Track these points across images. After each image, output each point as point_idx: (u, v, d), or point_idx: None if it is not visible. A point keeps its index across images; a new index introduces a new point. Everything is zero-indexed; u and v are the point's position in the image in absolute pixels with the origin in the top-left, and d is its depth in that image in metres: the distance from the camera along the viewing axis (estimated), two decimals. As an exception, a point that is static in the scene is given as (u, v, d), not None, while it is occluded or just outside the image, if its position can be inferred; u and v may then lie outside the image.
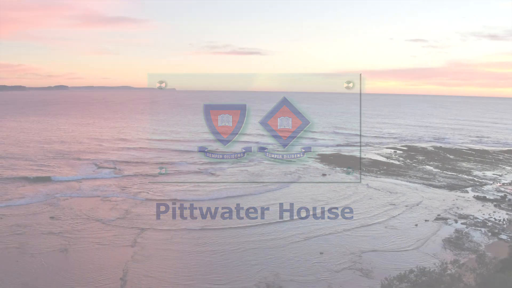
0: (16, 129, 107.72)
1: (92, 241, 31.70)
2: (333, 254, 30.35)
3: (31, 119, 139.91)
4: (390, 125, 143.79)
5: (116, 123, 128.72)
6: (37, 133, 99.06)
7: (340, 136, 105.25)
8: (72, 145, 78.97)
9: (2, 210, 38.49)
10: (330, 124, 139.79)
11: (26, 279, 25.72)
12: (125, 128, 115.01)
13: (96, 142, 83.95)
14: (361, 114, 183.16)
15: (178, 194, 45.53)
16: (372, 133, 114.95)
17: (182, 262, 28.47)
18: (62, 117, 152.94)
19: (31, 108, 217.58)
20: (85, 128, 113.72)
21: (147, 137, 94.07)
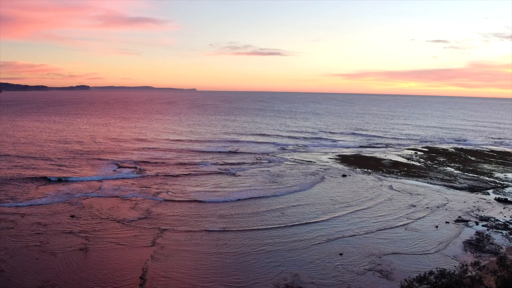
0: (37, 128, 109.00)
1: (112, 241, 31.86)
2: (353, 255, 30.09)
3: (52, 119, 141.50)
4: (411, 126, 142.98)
5: (136, 123, 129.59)
6: (58, 133, 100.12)
7: (360, 137, 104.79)
8: (92, 145, 79.84)
9: (24, 209, 38.96)
10: (349, 125, 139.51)
11: (46, 276, 25.93)
12: (145, 128, 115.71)
13: (117, 142, 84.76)
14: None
15: (199, 194, 45.53)
16: (393, 134, 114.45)
17: (201, 263, 28.36)
18: (82, 117, 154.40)
19: (52, 107, 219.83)
20: (105, 128, 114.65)
21: (167, 137, 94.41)
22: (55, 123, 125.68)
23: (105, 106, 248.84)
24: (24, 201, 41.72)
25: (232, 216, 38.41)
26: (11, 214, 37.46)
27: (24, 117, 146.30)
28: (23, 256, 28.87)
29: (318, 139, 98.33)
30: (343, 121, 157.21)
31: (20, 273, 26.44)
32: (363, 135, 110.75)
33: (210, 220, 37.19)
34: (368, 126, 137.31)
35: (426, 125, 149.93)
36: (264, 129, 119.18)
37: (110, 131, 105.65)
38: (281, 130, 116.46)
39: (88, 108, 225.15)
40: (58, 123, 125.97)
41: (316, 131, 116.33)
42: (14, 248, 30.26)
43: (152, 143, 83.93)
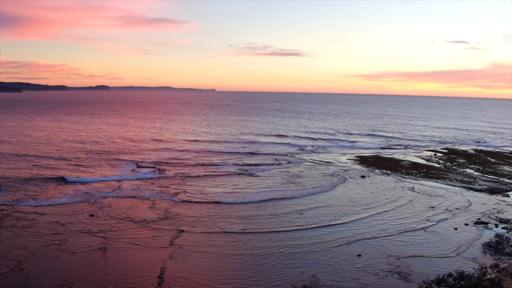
0: (56, 128, 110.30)
1: (130, 241, 31.97)
2: (372, 257, 29.82)
3: (71, 118, 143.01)
4: (430, 127, 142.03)
5: (154, 123, 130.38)
6: (77, 132, 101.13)
7: (379, 138, 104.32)
8: (110, 145, 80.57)
9: (43, 208, 39.32)
10: (368, 126, 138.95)
11: (65, 275, 26.11)
12: (163, 128, 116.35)
13: (135, 142, 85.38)
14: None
15: (217, 195, 45.49)
16: (412, 135, 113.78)
17: (220, 264, 28.28)
18: (101, 117, 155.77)
19: (71, 107, 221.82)
20: (123, 128, 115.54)
21: (185, 137, 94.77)
22: (74, 123, 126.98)
23: (123, 106, 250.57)
24: (43, 200, 42.14)
25: (251, 218, 38.29)
26: (31, 213, 37.85)
27: (44, 117, 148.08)
28: (42, 255, 29.13)
29: (336, 140, 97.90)
30: (361, 122, 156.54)
31: (39, 271, 26.65)
32: (381, 136, 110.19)
33: (229, 221, 37.11)
34: (387, 127, 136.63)
35: (446, 126, 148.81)
36: (282, 129, 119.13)
37: (128, 131, 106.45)
38: (299, 131, 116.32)
39: (106, 108, 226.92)
40: (77, 123, 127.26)
41: (334, 132, 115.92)
42: (34, 246, 30.56)
43: (170, 144, 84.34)
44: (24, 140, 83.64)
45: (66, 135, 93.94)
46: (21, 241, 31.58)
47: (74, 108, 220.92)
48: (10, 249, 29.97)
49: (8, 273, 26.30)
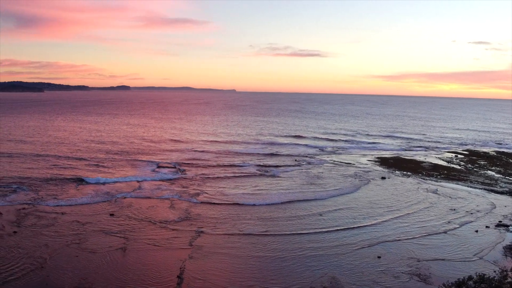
0: (78, 128, 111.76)
1: (150, 241, 32.13)
2: (392, 260, 29.56)
3: (91, 119, 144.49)
4: (451, 129, 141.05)
5: (174, 124, 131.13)
6: (97, 133, 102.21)
7: (399, 140, 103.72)
8: (130, 145, 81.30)
9: (64, 208, 39.75)
10: (388, 127, 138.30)
11: (85, 274, 26.33)
12: (183, 129, 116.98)
13: (154, 143, 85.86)
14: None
15: (237, 197, 45.41)
16: (433, 137, 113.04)
17: (239, 266, 28.22)
18: (121, 117, 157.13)
19: (91, 107, 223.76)
20: (142, 128, 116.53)
21: (204, 138, 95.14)
22: (93, 123, 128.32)
23: (143, 106, 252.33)
24: (64, 199, 42.56)
25: (272, 219, 38.11)
26: (51, 212, 38.32)
27: (64, 117, 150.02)
28: (62, 254, 29.43)
29: (356, 141, 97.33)
30: (381, 123, 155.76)
31: (60, 269, 26.92)
32: (402, 137, 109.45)
33: (249, 223, 37.00)
34: (407, 129, 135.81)
35: (466, 127, 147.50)
36: (301, 130, 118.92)
37: (148, 132, 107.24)
38: (318, 132, 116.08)
39: (126, 108, 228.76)
40: (97, 123, 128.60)
41: (354, 133, 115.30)
42: (54, 245, 30.89)
43: (190, 144, 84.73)
44: (45, 140, 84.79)
45: (86, 135, 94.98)
46: (42, 239, 31.96)
47: (94, 108, 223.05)
48: (31, 248, 30.34)
49: (29, 271, 26.59)
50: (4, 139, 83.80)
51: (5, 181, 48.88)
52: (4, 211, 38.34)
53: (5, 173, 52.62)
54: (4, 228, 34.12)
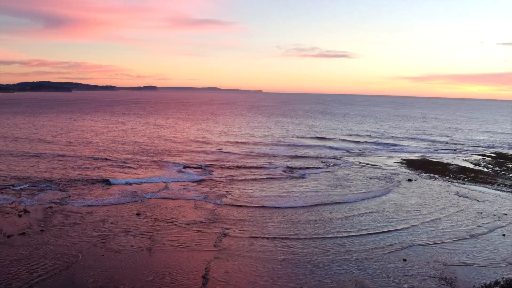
0: (105, 129, 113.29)
1: (175, 241, 32.23)
2: (419, 265, 29.23)
3: (117, 119, 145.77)
4: (478, 131, 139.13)
5: (199, 125, 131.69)
6: (124, 133, 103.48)
7: (426, 142, 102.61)
8: (157, 146, 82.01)
9: (91, 208, 40.22)
10: (414, 129, 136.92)
11: (111, 273, 26.59)
12: (208, 129, 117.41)
13: (180, 144, 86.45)
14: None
15: (263, 199, 45.15)
16: (460, 139, 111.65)
17: (264, 269, 28.00)
18: (147, 117, 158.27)
19: (118, 107, 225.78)
20: (168, 129, 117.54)
21: (230, 139, 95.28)
22: (120, 123, 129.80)
23: (168, 107, 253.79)
24: (90, 199, 43.05)
25: (298, 223, 37.67)
26: (78, 212, 38.83)
27: (92, 116, 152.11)
28: (89, 252, 29.70)
29: (383, 143, 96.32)
30: (408, 125, 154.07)
31: (86, 268, 27.21)
32: (428, 139, 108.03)
33: (275, 226, 36.67)
34: (434, 131, 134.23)
35: (494, 130, 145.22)
36: (326, 132, 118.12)
37: (174, 132, 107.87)
38: (344, 134, 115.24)
39: (152, 108, 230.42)
40: (122, 123, 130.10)
41: (379, 135, 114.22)
42: (81, 244, 31.23)
43: (215, 145, 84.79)
44: (71, 140, 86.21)
45: (112, 136, 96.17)
46: (69, 238, 32.34)
47: (120, 108, 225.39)
48: (58, 246, 30.74)
49: (56, 269, 26.90)
50: (33, 139, 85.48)
51: (33, 180, 49.65)
52: (32, 209, 38.92)
53: (33, 173, 53.47)
54: (31, 226, 34.62)
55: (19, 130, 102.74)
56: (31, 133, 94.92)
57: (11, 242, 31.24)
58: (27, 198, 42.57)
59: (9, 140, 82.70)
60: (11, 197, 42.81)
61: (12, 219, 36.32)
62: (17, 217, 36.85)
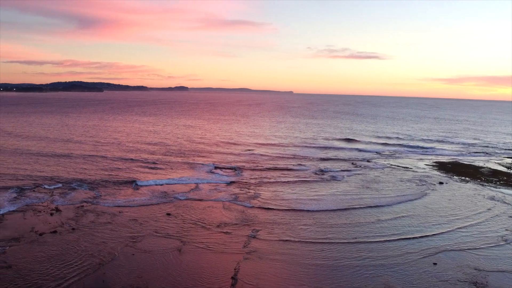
0: (136, 129, 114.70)
1: (204, 242, 32.21)
2: (452, 270, 28.64)
3: (148, 119, 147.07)
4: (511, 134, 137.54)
5: (231, 125, 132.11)
6: (155, 134, 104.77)
7: (457, 144, 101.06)
8: (186, 147, 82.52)
9: (121, 207, 40.59)
10: (444, 131, 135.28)
11: (141, 272, 26.80)
12: (239, 130, 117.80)
13: (211, 145, 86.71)
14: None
15: (294, 202, 44.63)
16: (492, 142, 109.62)
17: (294, 273, 27.69)
18: (178, 118, 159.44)
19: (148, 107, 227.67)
20: (199, 129, 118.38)
21: (260, 140, 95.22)
22: (149, 124, 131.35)
23: (197, 107, 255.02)
24: (121, 199, 43.51)
25: (329, 226, 37.12)
26: (109, 211, 39.30)
27: (124, 116, 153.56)
28: (119, 251, 29.99)
29: (412, 145, 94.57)
30: (437, 127, 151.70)
31: (116, 267, 27.49)
32: (459, 142, 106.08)
33: (305, 229, 36.26)
34: (466, 133, 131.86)
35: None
36: (355, 134, 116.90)
37: (203, 133, 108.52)
38: (373, 135, 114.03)
39: (181, 108, 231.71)
40: (153, 123, 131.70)
41: (409, 137, 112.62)
42: (112, 242, 31.55)
43: (244, 146, 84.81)
44: (102, 140, 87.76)
45: (142, 136, 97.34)
46: (99, 237, 32.68)
47: (150, 108, 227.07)
48: (90, 244, 31.09)
49: (86, 268, 27.20)
50: (64, 139, 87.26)
51: (64, 180, 50.42)
52: (63, 208, 39.48)
53: (65, 172, 54.32)
54: (63, 225, 35.09)
55: (51, 129, 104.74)
56: (62, 133, 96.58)
57: (43, 240, 31.70)
58: (59, 197, 43.22)
59: (41, 140, 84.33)
60: (43, 195, 43.52)
61: (44, 217, 36.89)
62: (49, 215, 37.40)
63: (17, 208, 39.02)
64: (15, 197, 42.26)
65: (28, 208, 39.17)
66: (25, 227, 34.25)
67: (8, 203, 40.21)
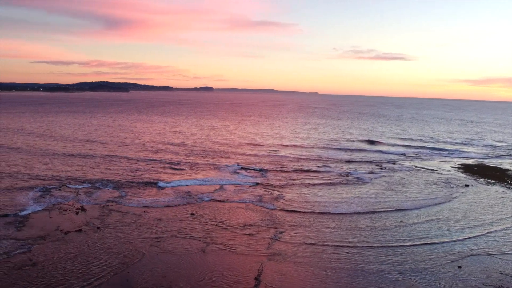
0: (162, 130, 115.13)
1: (228, 243, 32.20)
2: (474, 271, 28.46)
3: (171, 120, 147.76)
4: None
5: (255, 126, 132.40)
6: (180, 134, 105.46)
7: (482, 147, 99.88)
8: (210, 147, 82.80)
9: (146, 208, 40.81)
10: (469, 133, 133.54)
11: (165, 271, 26.96)
12: (263, 131, 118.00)
13: (235, 146, 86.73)
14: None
15: (318, 204, 44.18)
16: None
17: (317, 276, 27.40)
18: (203, 118, 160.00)
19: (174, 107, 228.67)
20: (223, 130, 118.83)
21: (284, 142, 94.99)
22: (173, 124, 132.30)
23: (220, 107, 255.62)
24: (145, 199, 43.83)
25: (354, 229, 36.65)
26: (134, 211, 39.61)
27: (147, 117, 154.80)
28: (143, 251, 30.17)
29: (437, 148, 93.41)
30: (462, 129, 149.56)
31: (140, 266, 27.69)
32: (485, 144, 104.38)
33: (330, 232, 35.86)
34: (491, 135, 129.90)
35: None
36: (379, 135, 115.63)
37: (226, 134, 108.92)
38: (396, 137, 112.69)
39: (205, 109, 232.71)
40: (177, 124, 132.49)
41: (434, 139, 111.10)
42: (136, 242, 31.78)
43: (268, 148, 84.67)
44: (128, 141, 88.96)
45: (167, 137, 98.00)
46: (124, 236, 32.95)
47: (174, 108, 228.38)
48: (115, 243, 31.38)
49: (111, 266, 27.46)
50: (89, 139, 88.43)
51: (90, 179, 50.97)
52: (88, 207, 39.90)
53: (90, 172, 55.00)
54: (88, 224, 35.43)
55: (76, 129, 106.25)
56: (87, 133, 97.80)
57: (68, 239, 32.08)
58: (84, 196, 43.71)
59: (67, 140, 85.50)
60: (69, 195, 44.07)
61: (69, 216, 37.30)
62: (74, 214, 37.80)
63: (43, 207, 39.53)
64: (41, 196, 42.88)
65: (54, 207, 39.71)
66: (51, 226, 34.70)
67: (34, 202, 40.78)
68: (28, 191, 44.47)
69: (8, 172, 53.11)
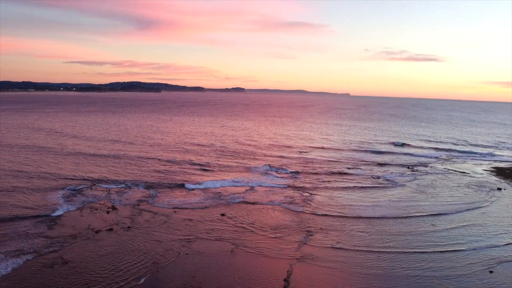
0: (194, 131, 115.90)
1: (257, 246, 32.16)
2: (507, 275, 28.26)
3: (202, 120, 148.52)
4: None
5: (282, 128, 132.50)
6: (211, 135, 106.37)
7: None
8: (241, 149, 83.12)
9: (176, 208, 41.27)
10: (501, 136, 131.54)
11: (194, 271, 27.21)
12: (291, 133, 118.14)
13: (265, 148, 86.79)
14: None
15: (350, 208, 43.57)
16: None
17: (346, 281, 27.13)
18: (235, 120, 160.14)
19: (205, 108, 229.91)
20: (253, 131, 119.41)
21: (315, 144, 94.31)
22: (202, 125, 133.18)
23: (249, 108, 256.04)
24: (175, 199, 44.30)
25: (386, 234, 36.11)
26: (164, 211, 40.07)
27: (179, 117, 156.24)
28: (174, 250, 30.54)
29: (468, 151, 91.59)
30: (493, 131, 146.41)
31: (171, 265, 28.07)
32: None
33: (360, 236, 35.38)
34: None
35: None
36: (409, 138, 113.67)
37: (257, 135, 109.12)
38: (426, 140, 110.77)
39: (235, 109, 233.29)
40: (206, 125, 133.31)
41: (465, 141, 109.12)
42: (167, 241, 32.19)
43: (298, 149, 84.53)
44: (158, 142, 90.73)
45: (197, 138, 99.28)
46: (154, 236, 33.36)
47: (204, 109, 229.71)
48: (146, 242, 31.83)
49: (141, 265, 27.83)
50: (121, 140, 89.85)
51: (121, 179, 51.70)
52: (119, 207, 40.47)
53: (121, 172, 55.88)
54: (119, 223, 35.88)
55: (107, 130, 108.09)
56: (118, 134, 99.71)
57: (99, 237, 32.66)
58: (115, 196, 44.38)
59: (98, 140, 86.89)
60: (100, 194, 44.78)
61: (100, 215, 37.86)
62: (105, 213, 38.37)
63: (75, 206, 40.24)
64: (73, 195, 43.74)
65: (85, 206, 40.49)
66: (82, 225, 35.33)
67: (65, 201, 41.49)
68: (60, 191, 45.45)
69: (40, 172, 54.31)
